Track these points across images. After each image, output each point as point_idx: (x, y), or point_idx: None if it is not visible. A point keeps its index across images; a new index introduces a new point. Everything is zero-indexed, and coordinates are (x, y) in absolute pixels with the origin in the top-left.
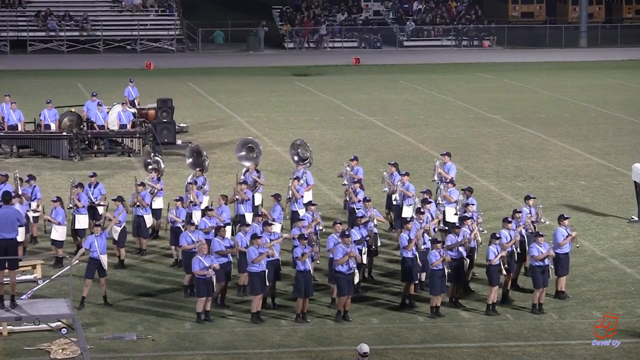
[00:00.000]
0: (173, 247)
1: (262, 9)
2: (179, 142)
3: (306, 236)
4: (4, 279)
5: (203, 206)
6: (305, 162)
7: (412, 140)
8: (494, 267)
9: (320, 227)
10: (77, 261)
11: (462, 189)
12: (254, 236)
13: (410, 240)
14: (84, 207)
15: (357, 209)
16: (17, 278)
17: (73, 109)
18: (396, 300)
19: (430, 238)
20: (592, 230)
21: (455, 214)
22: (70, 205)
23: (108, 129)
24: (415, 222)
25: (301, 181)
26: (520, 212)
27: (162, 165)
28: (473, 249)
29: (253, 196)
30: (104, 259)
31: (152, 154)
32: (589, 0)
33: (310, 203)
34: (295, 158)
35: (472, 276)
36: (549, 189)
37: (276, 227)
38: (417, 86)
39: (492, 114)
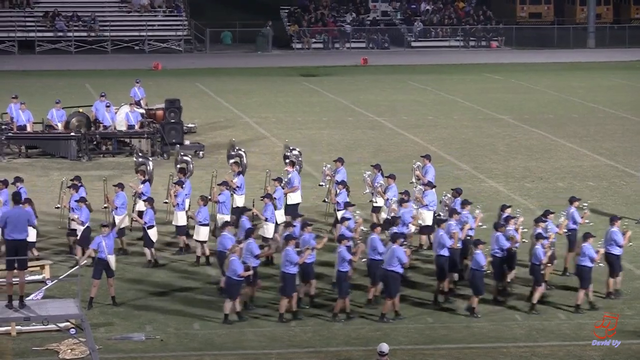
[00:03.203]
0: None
1: (270, 9)
2: (186, 142)
3: (351, 237)
4: (14, 279)
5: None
6: (295, 165)
7: (420, 141)
8: (540, 266)
9: (362, 227)
10: (85, 262)
11: (452, 189)
12: (290, 237)
13: (452, 238)
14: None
15: (338, 209)
16: (25, 278)
17: (81, 110)
18: (403, 301)
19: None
20: (600, 231)
21: (438, 215)
22: (58, 206)
23: (116, 129)
24: (451, 222)
25: (283, 183)
26: (552, 212)
27: (191, 166)
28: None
29: (233, 198)
30: (112, 260)
31: (181, 154)
32: (597, 0)
33: (349, 204)
34: (287, 161)
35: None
36: (557, 189)
37: (269, 227)
38: (425, 87)
39: (500, 115)
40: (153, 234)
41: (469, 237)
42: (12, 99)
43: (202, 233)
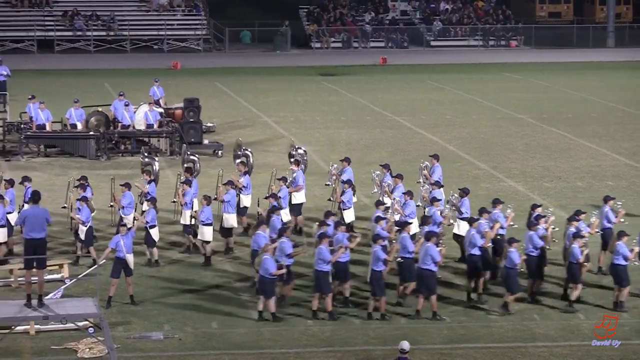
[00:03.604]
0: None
1: (289, 8)
2: (205, 141)
3: (386, 236)
4: (32, 278)
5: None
6: (300, 164)
7: (439, 140)
8: (577, 265)
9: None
10: (103, 260)
11: (459, 189)
12: (323, 235)
13: (484, 237)
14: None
15: (344, 209)
16: (44, 277)
17: (100, 109)
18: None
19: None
20: (631, 229)
21: (442, 215)
22: (65, 205)
23: (135, 128)
24: (482, 221)
25: (288, 182)
26: (584, 212)
27: (198, 165)
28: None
29: (240, 198)
30: (130, 259)
31: (188, 153)
32: (616, 0)
33: (380, 202)
34: (292, 160)
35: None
36: (576, 189)
37: None
38: (444, 86)
39: (519, 114)
40: (155, 233)
41: (499, 237)
42: (29, 99)
43: (206, 233)
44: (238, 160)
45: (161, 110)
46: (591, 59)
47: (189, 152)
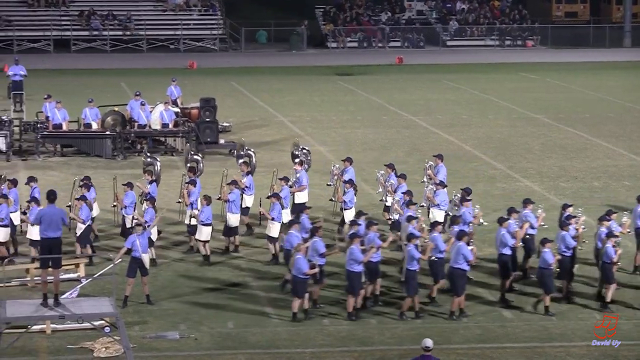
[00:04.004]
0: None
1: (305, 8)
2: (221, 141)
3: (418, 235)
4: (48, 278)
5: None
6: (303, 164)
7: (455, 140)
8: (611, 264)
9: (424, 226)
10: (119, 260)
11: (461, 189)
12: (354, 235)
13: (514, 237)
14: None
15: (345, 208)
16: (60, 277)
17: (116, 108)
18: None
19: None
20: None
21: (447, 215)
22: (69, 204)
23: (151, 128)
24: (511, 221)
25: (290, 182)
26: (615, 212)
27: (202, 165)
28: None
29: (242, 198)
30: (146, 258)
31: (192, 153)
32: (633, 0)
33: (411, 202)
34: (296, 160)
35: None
36: (592, 189)
37: (276, 227)
38: (460, 86)
39: (535, 114)
40: (153, 232)
41: (527, 236)
42: (45, 99)
43: (205, 233)
44: (241, 161)
45: (177, 109)
46: (608, 58)
47: (192, 152)
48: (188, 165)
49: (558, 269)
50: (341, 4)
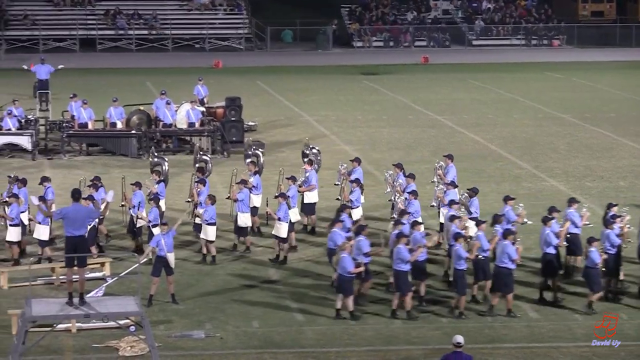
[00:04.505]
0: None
1: (330, 7)
2: (247, 140)
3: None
4: (73, 277)
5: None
6: (313, 164)
7: (480, 140)
8: None
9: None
10: (145, 259)
11: (467, 189)
12: (402, 234)
13: (558, 236)
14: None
15: (352, 207)
16: (85, 275)
17: (142, 107)
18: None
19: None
20: None
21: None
22: None
23: (176, 127)
24: (555, 222)
25: (299, 181)
26: None
27: (210, 165)
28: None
29: (250, 197)
30: (171, 257)
31: (201, 153)
32: None
33: (453, 202)
34: (306, 159)
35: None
36: (618, 188)
37: (283, 227)
38: (485, 85)
39: (561, 113)
40: (157, 232)
41: (568, 235)
42: (71, 98)
43: (210, 232)
44: (248, 160)
45: (203, 109)
46: (634, 58)
47: (201, 152)
48: (197, 165)
49: (604, 269)
50: (367, 3)
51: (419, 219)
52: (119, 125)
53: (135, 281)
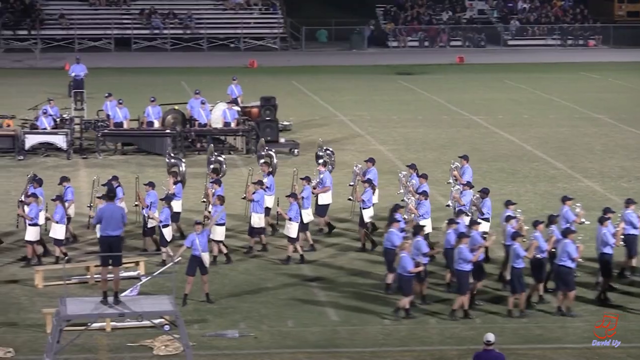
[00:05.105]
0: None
1: (365, 7)
2: (281, 140)
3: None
4: (108, 276)
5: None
6: (327, 165)
7: (515, 140)
8: None
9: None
10: (179, 258)
11: (478, 191)
12: (462, 235)
13: (615, 236)
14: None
15: (364, 208)
16: (120, 275)
17: (177, 107)
18: (494, 302)
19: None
20: None
21: (466, 215)
22: (90, 205)
23: (211, 126)
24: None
25: (313, 182)
26: None
27: (224, 167)
28: None
29: (263, 198)
30: (206, 257)
31: (215, 155)
32: None
33: (510, 202)
34: (320, 161)
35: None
36: None
37: (293, 227)
38: (521, 85)
39: (597, 114)
40: (168, 232)
41: (623, 235)
42: (106, 97)
43: (218, 232)
44: (261, 161)
45: (238, 108)
46: None
47: (215, 154)
48: (211, 166)
49: None
50: (402, 3)
51: (426, 220)
52: (156, 125)
53: (170, 280)
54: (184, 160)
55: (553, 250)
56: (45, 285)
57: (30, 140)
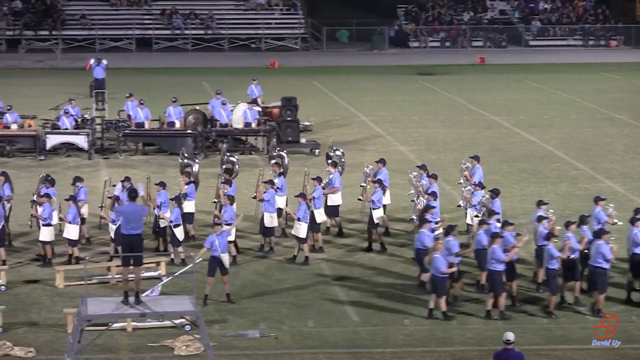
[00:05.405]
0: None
1: (387, 7)
2: (302, 140)
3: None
4: (129, 275)
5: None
6: (337, 166)
7: (537, 140)
8: None
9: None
10: (200, 259)
11: (489, 191)
12: (496, 235)
13: None
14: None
15: (374, 208)
16: (141, 275)
17: (198, 107)
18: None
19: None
20: None
21: (476, 216)
22: (102, 205)
23: (232, 127)
24: None
25: (323, 183)
26: None
27: (237, 167)
28: None
29: (274, 197)
30: (225, 258)
31: (228, 155)
32: None
33: (541, 202)
34: (329, 161)
35: None
36: None
37: (302, 227)
38: (542, 86)
39: (618, 115)
40: (179, 232)
41: None
42: (127, 98)
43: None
44: (273, 161)
45: (259, 109)
46: None
47: (228, 154)
48: (224, 167)
49: None
50: (423, 4)
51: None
52: (177, 125)
53: (190, 280)
54: (197, 160)
55: (586, 251)
56: (66, 285)
57: (52, 140)
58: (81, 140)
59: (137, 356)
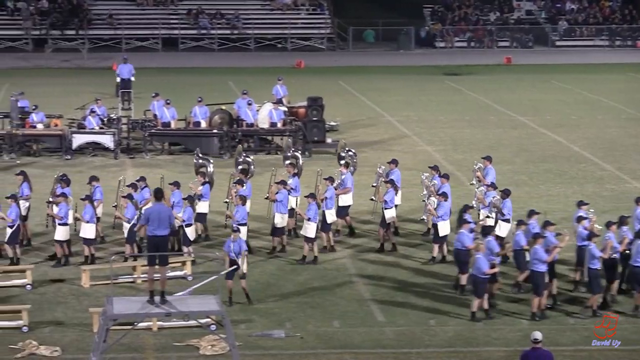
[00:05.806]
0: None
1: (413, 8)
2: (328, 140)
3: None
4: (155, 275)
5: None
6: (349, 167)
7: (563, 141)
8: None
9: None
10: (238, 267)
11: (500, 191)
12: (537, 235)
13: None
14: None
15: (386, 208)
16: (167, 274)
17: (224, 107)
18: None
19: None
20: None
21: (487, 217)
22: (115, 204)
23: (258, 127)
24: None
25: (335, 183)
26: None
27: (253, 167)
28: None
29: (288, 199)
30: (242, 262)
31: (244, 155)
32: None
33: (582, 202)
34: (342, 162)
35: None
36: None
37: (312, 227)
38: (568, 86)
39: None
40: (190, 232)
41: None
42: (153, 97)
43: (242, 232)
44: (287, 162)
45: (285, 109)
46: None
47: (244, 154)
48: (240, 167)
49: None
50: (450, 4)
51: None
52: (203, 125)
53: (216, 280)
54: (211, 160)
55: (627, 252)
56: (91, 285)
57: (78, 139)
58: (107, 140)
59: (162, 355)
